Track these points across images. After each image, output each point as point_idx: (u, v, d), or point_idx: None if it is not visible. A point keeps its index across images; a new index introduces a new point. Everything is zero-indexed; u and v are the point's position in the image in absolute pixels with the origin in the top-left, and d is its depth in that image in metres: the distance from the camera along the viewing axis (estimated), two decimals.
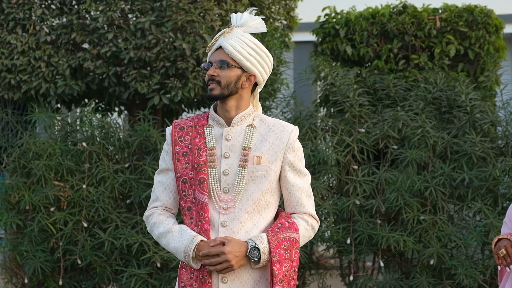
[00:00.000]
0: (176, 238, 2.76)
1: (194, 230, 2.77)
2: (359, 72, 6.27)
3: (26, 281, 5.65)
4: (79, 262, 5.53)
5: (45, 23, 6.14)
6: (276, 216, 2.86)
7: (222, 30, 2.86)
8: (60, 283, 5.57)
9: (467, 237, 5.43)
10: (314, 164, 5.58)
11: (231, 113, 2.84)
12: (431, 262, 5.37)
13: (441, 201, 5.50)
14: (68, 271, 5.71)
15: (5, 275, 5.90)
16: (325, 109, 6.19)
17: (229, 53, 2.80)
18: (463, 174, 5.49)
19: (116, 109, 6.77)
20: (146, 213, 2.90)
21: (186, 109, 6.82)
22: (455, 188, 5.59)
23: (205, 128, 2.86)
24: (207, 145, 2.82)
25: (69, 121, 6.20)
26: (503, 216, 5.44)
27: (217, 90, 2.80)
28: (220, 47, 2.83)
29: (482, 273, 5.43)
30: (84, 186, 5.58)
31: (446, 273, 5.52)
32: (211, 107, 2.91)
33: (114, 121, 6.01)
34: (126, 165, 5.72)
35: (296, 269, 2.77)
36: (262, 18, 2.93)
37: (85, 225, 5.54)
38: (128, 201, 5.67)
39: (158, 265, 5.40)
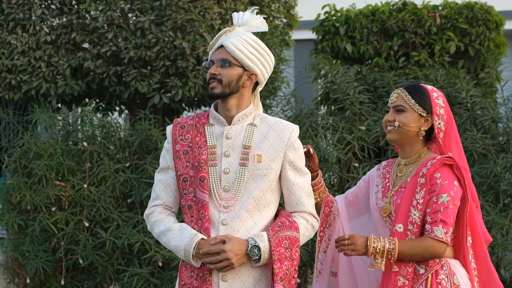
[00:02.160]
0: (177, 236, 2.76)
1: (194, 229, 2.77)
2: (359, 69, 6.27)
3: (28, 281, 5.66)
4: (81, 261, 5.53)
5: (45, 23, 6.13)
6: (276, 215, 2.85)
7: (224, 29, 2.86)
8: (62, 282, 5.57)
9: None
10: None
11: (232, 111, 2.84)
12: None
13: None
14: (70, 270, 5.71)
15: (7, 275, 5.90)
16: (326, 107, 6.18)
17: (230, 52, 2.80)
18: None
19: (117, 108, 6.77)
20: (147, 211, 2.90)
21: (186, 108, 6.81)
22: None
23: (205, 127, 2.86)
24: (208, 144, 2.82)
25: (70, 121, 6.20)
26: (505, 212, 5.44)
27: (218, 88, 2.80)
28: (221, 46, 2.83)
29: None
30: (85, 185, 5.58)
31: None
32: (212, 105, 2.91)
33: (115, 121, 6.01)
34: (127, 165, 5.72)
35: (296, 268, 2.77)
36: (263, 17, 2.93)
37: (87, 224, 5.54)
38: (129, 201, 5.67)
39: (160, 264, 5.40)
